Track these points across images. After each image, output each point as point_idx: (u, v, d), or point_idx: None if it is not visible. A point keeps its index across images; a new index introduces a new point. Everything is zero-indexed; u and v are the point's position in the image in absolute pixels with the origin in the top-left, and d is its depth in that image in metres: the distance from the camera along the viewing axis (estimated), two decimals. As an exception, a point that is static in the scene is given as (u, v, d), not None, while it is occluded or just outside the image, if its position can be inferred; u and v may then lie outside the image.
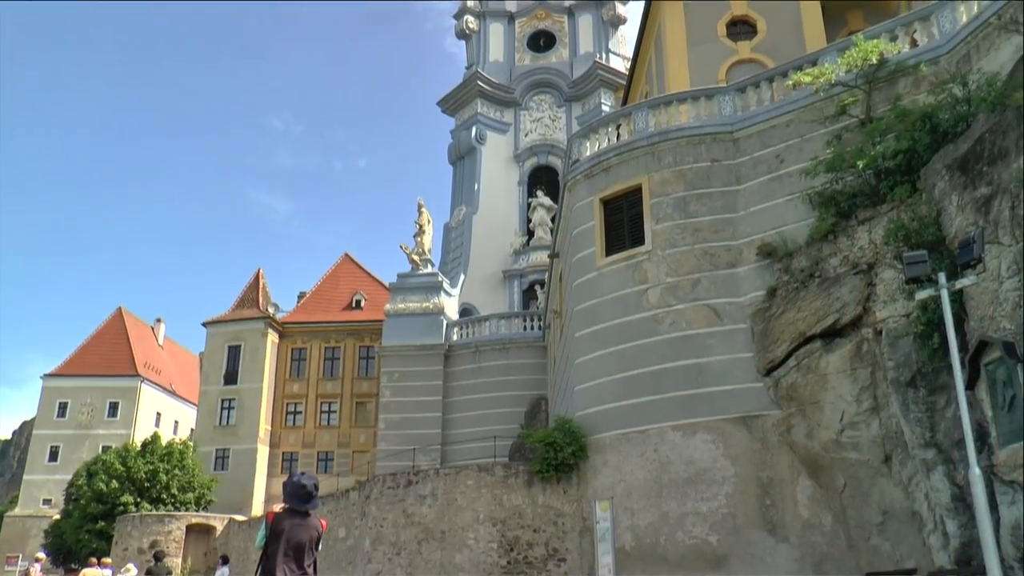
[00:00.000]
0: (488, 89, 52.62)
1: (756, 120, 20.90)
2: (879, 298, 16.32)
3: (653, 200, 21.36)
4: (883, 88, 18.56)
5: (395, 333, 42.34)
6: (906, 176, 16.34)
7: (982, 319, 13.31)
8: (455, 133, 53.96)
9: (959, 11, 18.14)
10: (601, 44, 53.28)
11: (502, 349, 40.34)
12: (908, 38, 19.34)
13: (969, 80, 16.23)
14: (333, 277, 57.25)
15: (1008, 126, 13.42)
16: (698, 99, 22.32)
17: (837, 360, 17.14)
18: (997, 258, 12.98)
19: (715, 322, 19.90)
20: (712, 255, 20.33)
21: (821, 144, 19.01)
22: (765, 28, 29.72)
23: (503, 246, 49.45)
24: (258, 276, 55.96)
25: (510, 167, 52.03)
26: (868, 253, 16.75)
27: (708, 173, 21.05)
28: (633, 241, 21.56)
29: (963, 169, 14.31)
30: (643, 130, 22.30)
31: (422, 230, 44.36)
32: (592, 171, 23.08)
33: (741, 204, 20.52)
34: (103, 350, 69.05)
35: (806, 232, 18.65)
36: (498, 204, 50.38)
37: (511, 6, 55.79)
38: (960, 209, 14.18)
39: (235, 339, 52.43)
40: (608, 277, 21.85)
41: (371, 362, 50.59)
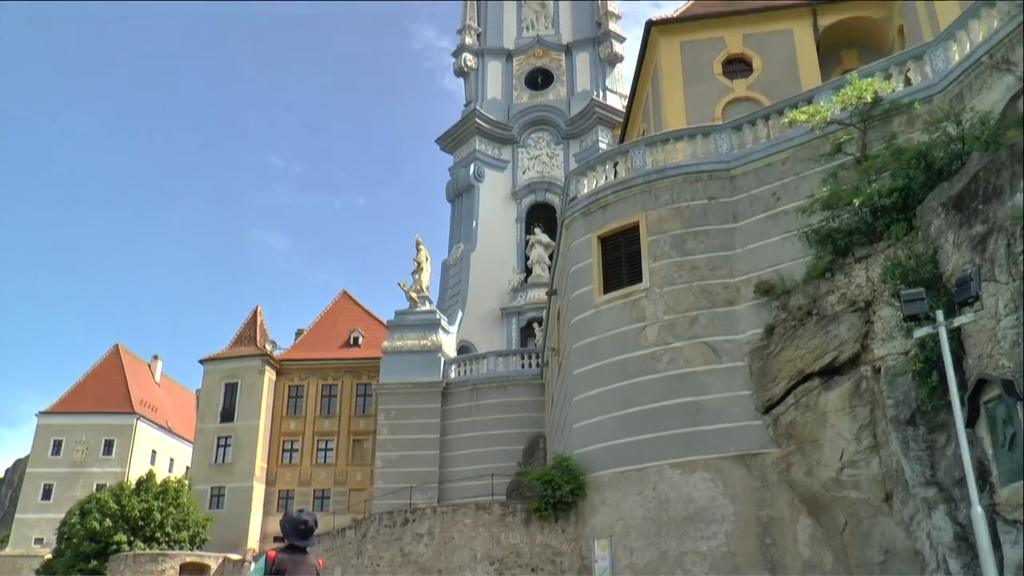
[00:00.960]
0: (486, 127, 52.96)
1: (752, 158, 21.01)
2: (877, 336, 16.30)
3: (650, 238, 21.39)
4: (878, 126, 18.68)
5: (393, 370, 42.17)
6: (902, 214, 16.40)
7: (981, 357, 13.28)
8: (453, 170, 54.20)
9: (952, 50, 18.32)
10: (598, 82, 53.70)
11: (500, 387, 40.16)
12: (902, 76, 19.50)
13: (963, 118, 16.36)
14: (331, 314, 57.21)
15: (1002, 164, 13.50)
16: (695, 137, 22.45)
17: (836, 398, 17.08)
18: (994, 296, 12.99)
19: (713, 360, 19.85)
20: (710, 293, 20.33)
21: (817, 182, 19.08)
22: (761, 66, 30.03)
23: (501, 283, 49.45)
24: (256, 313, 55.91)
25: (508, 204, 52.21)
26: (866, 291, 16.76)
27: (705, 211, 21.11)
28: (631, 279, 21.56)
29: (958, 207, 14.37)
30: (640, 168, 22.40)
31: (420, 267, 44.37)
32: (590, 208, 23.14)
33: (738, 242, 20.56)
34: (99, 387, 68.69)
35: (803, 270, 18.67)
36: (496, 241, 50.46)
37: (509, 44, 56.32)
38: (956, 247, 14.21)
39: (232, 376, 52.25)
40: (606, 314, 21.83)
41: (368, 400, 50.41)
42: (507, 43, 56.27)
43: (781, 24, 30.68)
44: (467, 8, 57.29)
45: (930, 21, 26.09)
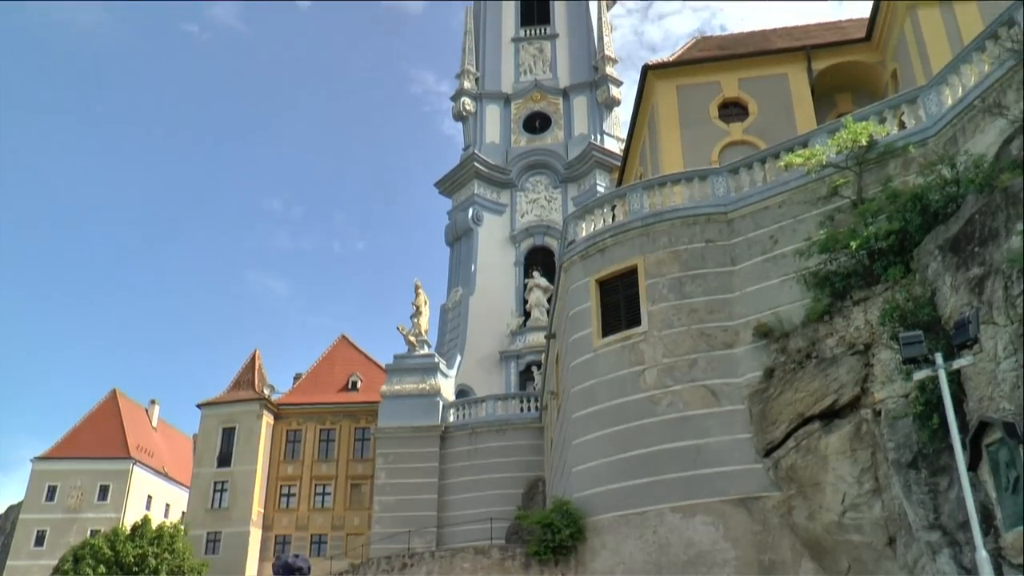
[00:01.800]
0: (485, 171, 53.30)
1: (749, 201, 21.12)
2: (877, 379, 16.28)
3: (649, 281, 21.43)
4: (873, 169, 18.81)
5: (391, 414, 41.96)
6: (899, 256, 16.46)
7: (981, 399, 13.25)
8: (452, 214, 54.45)
9: (944, 94, 18.52)
10: (596, 126, 54.20)
11: (499, 430, 39.94)
12: (896, 120, 19.69)
13: (957, 161, 16.49)
14: (329, 359, 57.11)
15: (997, 207, 13.59)
16: (692, 180, 22.59)
17: (837, 441, 17.01)
18: (993, 338, 12.99)
19: (713, 403, 19.78)
20: (708, 336, 20.32)
21: (814, 225, 19.18)
22: (756, 110, 30.36)
23: (500, 327, 49.42)
24: (254, 357, 55.84)
25: (506, 248, 52.36)
26: (864, 334, 16.77)
27: (703, 254, 21.17)
28: (629, 322, 21.55)
29: (955, 250, 14.44)
30: (638, 211, 22.52)
31: (419, 311, 44.37)
32: (588, 252, 23.21)
33: (736, 285, 20.60)
34: (96, 432, 68.26)
35: (802, 313, 18.68)
36: (495, 285, 50.53)
37: (507, 88, 56.93)
38: (954, 289, 14.25)
39: (229, 421, 52.00)
40: (605, 358, 21.79)
41: (366, 444, 50.13)
42: (505, 87, 56.88)
43: (776, 68, 31.09)
44: (466, 52, 57.97)
45: (923, 65, 26.42)
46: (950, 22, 26.88)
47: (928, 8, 27.33)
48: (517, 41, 58.59)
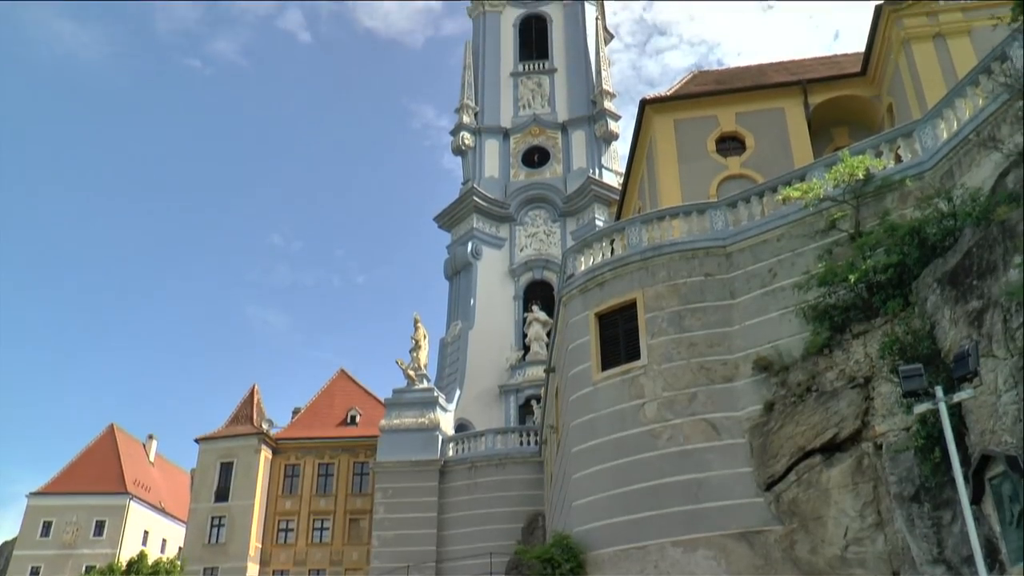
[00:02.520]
0: (484, 205, 53.51)
1: (748, 234, 21.18)
2: (877, 412, 16.24)
3: (648, 315, 21.44)
4: (871, 203, 18.88)
5: (390, 449, 41.76)
6: (898, 290, 16.50)
7: (983, 433, 13.22)
8: (451, 248, 54.57)
9: (940, 128, 18.65)
10: (594, 160, 54.47)
11: (498, 464, 39.75)
12: (892, 154, 19.80)
13: (954, 195, 16.57)
14: (328, 393, 57.02)
15: (994, 240, 13.65)
16: (690, 214, 22.68)
17: (838, 475, 16.93)
18: (993, 371, 12.98)
19: (713, 436, 19.70)
20: (708, 369, 20.29)
21: (812, 258, 19.23)
22: (754, 144, 30.56)
23: (499, 361, 49.35)
24: (253, 392, 55.77)
25: (506, 282, 52.43)
26: (864, 367, 16.76)
27: (702, 287, 21.20)
28: (629, 356, 21.51)
29: (953, 283, 14.47)
30: (637, 245, 22.57)
31: (418, 345, 44.33)
32: (587, 286, 23.24)
33: (736, 318, 20.60)
34: (92, 467, 67.98)
35: (801, 346, 18.67)
36: (494, 319, 50.54)
37: (506, 122, 57.30)
38: (953, 323, 14.27)
39: (227, 456, 51.83)
40: (604, 392, 21.73)
41: (365, 478, 49.91)
42: (504, 121, 57.27)
43: (772, 103, 31.35)
44: (465, 87, 58.45)
45: (918, 99, 26.68)
46: (944, 56, 27.20)
47: (922, 43, 27.66)
48: (516, 76, 59.13)
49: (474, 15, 62.82)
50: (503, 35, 60.67)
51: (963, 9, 28.01)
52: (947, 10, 28.11)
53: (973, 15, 27.49)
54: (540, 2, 62.07)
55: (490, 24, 61.02)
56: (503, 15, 61.62)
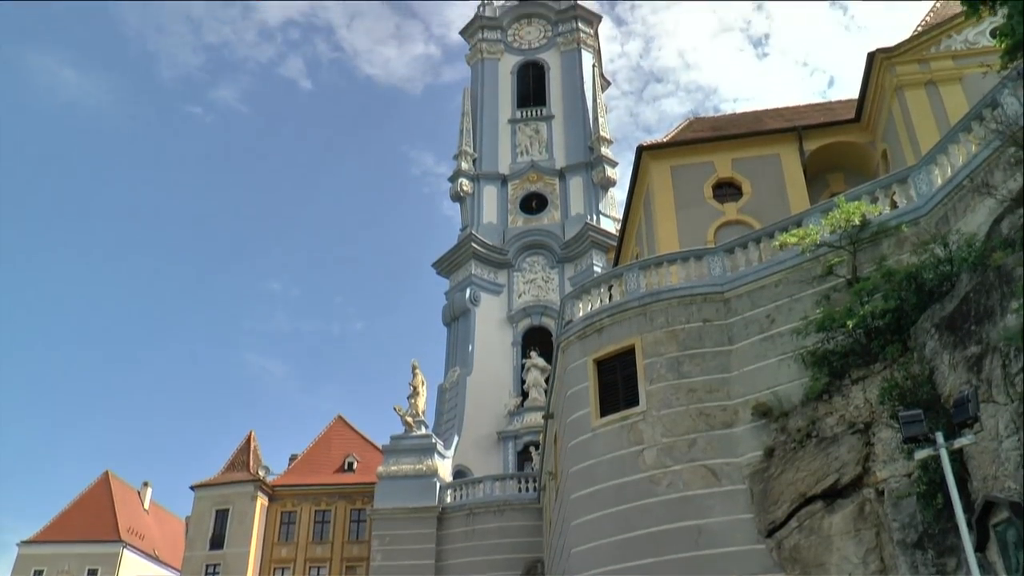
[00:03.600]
0: (482, 251, 53.64)
1: (745, 280, 21.24)
2: (878, 457, 16.17)
3: (646, 360, 21.41)
4: (867, 248, 18.97)
5: (387, 496, 41.43)
6: (896, 335, 16.52)
7: (985, 479, 13.15)
8: (449, 295, 54.59)
9: (934, 174, 18.80)
10: (592, 206, 54.71)
11: (497, 511, 39.42)
12: (888, 200, 19.93)
13: (949, 240, 16.67)
14: (325, 439, 56.70)
15: (991, 285, 13.71)
16: (688, 260, 22.75)
17: (840, 521, 16.79)
18: (994, 417, 12.95)
19: (713, 483, 19.57)
20: (707, 415, 20.22)
21: (810, 304, 19.27)
22: (750, 190, 30.73)
23: (497, 407, 49.15)
24: (249, 439, 55.47)
25: (504, 328, 52.39)
26: (864, 412, 16.71)
27: (700, 333, 21.21)
28: (627, 402, 21.45)
29: (952, 328, 14.50)
30: (635, 291, 22.62)
31: (416, 392, 44.20)
32: (585, 332, 23.24)
33: (734, 364, 20.58)
34: (86, 515, 67.22)
35: (801, 392, 18.63)
36: (492, 365, 50.42)
37: (504, 169, 57.64)
38: (952, 368, 14.26)
39: (223, 503, 51.38)
40: (603, 438, 21.63)
41: (362, 525, 49.43)
42: (502, 168, 57.62)
43: (768, 149, 31.59)
44: (463, 134, 58.89)
45: (911, 145, 26.91)
46: (936, 103, 27.51)
47: (914, 90, 28.00)
48: (514, 122, 59.64)
49: (473, 62, 63.59)
50: (501, 82, 61.35)
51: (954, 57, 28.42)
52: (938, 58, 28.51)
53: (964, 63, 27.91)
54: (537, 50, 62.91)
55: (488, 71, 61.75)
56: (501, 62, 62.39)
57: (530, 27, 64.33)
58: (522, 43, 63.57)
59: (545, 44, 63.07)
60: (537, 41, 63.47)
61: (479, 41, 63.15)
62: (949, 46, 28.72)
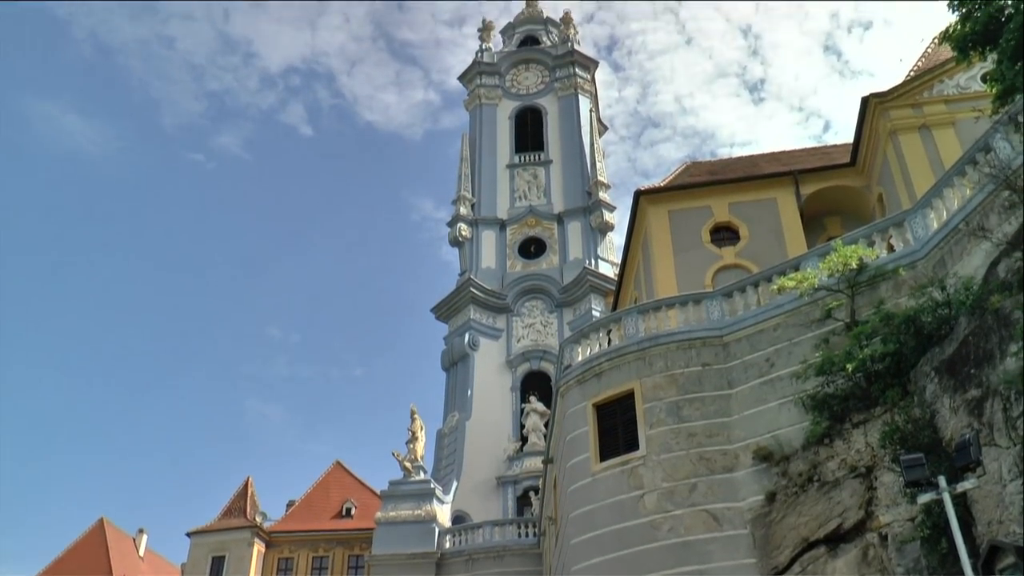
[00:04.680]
0: (481, 296, 53.64)
1: (744, 324, 21.29)
2: (881, 502, 16.06)
3: (646, 405, 21.37)
4: (865, 292, 19.04)
5: (386, 541, 41.02)
6: (896, 378, 16.51)
7: (990, 523, 13.06)
8: (448, 339, 54.48)
9: (930, 217, 18.93)
10: (590, 250, 54.82)
11: (496, 557, 39.02)
12: (885, 243, 20.04)
13: (947, 284, 16.74)
14: (323, 485, 56.26)
15: (989, 329, 13.74)
16: (686, 304, 22.81)
17: (844, 566, 16.62)
18: (997, 460, 12.91)
19: (714, 527, 19.44)
20: (708, 460, 20.14)
21: (810, 347, 19.28)
22: (747, 234, 30.87)
23: (496, 452, 48.85)
24: (246, 485, 55.01)
25: (503, 373, 52.22)
26: (865, 456, 16.64)
27: (700, 377, 21.20)
28: (627, 446, 21.36)
29: (951, 372, 14.50)
30: (634, 335, 22.63)
31: (415, 437, 43.99)
32: (584, 376, 23.21)
33: (734, 408, 20.54)
34: (79, 563, 66.12)
35: (801, 435, 18.57)
36: (491, 410, 50.19)
37: (503, 214, 57.80)
38: (953, 411, 14.24)
39: (219, 549, 50.78)
40: (603, 483, 21.52)
41: (361, 572, 48.80)
42: (501, 212, 57.81)
43: (765, 193, 31.80)
44: (462, 179, 59.15)
45: (907, 189, 27.12)
46: (930, 147, 27.79)
47: (908, 134, 28.29)
48: (512, 167, 59.97)
49: (471, 107, 64.12)
50: (499, 127, 61.80)
51: (946, 101, 28.77)
52: (931, 102, 28.87)
53: (956, 107, 28.25)
54: (535, 95, 63.46)
55: (487, 116, 62.24)
56: (499, 107, 62.90)
57: (528, 72, 64.99)
58: (520, 88, 64.17)
59: (543, 89, 63.65)
60: (535, 86, 64.06)
61: (477, 87, 63.75)
62: (941, 91, 29.11)
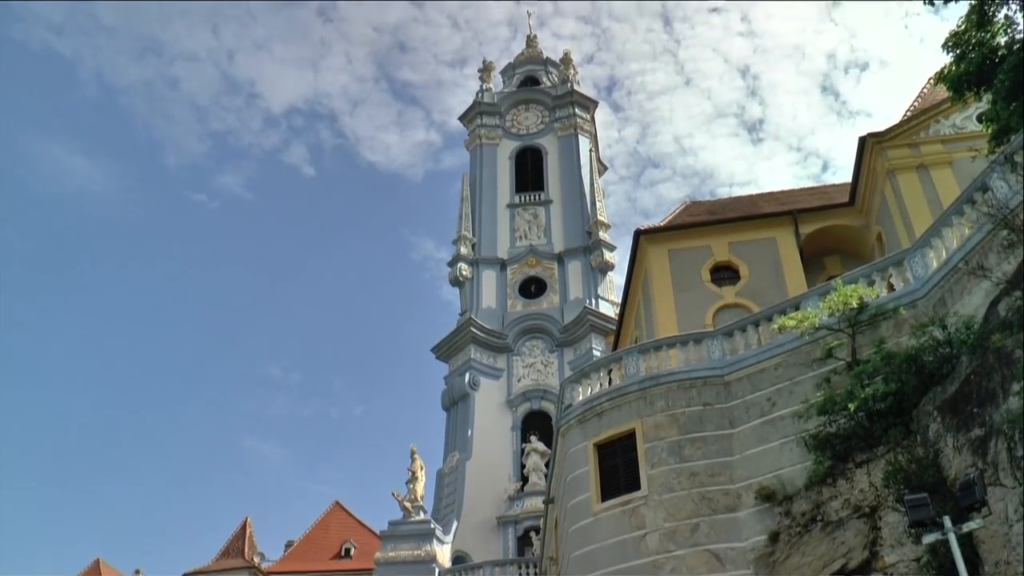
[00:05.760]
0: (481, 335, 53.57)
1: (745, 364, 21.25)
2: (886, 542, 15.91)
3: (647, 444, 21.27)
4: (866, 331, 19.03)
5: (385, 583, 40.65)
6: (898, 418, 16.45)
7: (998, 563, 12.94)
8: (448, 379, 54.34)
9: (929, 257, 18.98)
10: (590, 290, 54.85)
11: (497, 598, 38.66)
12: (885, 283, 20.07)
13: (948, 323, 16.75)
14: (322, 525, 55.88)
15: (991, 368, 13.72)
16: (687, 343, 22.79)
17: (849, 608, 16.45)
18: (1002, 500, 12.81)
19: (717, 568, 19.24)
20: (710, 499, 20.01)
21: (811, 386, 19.24)
22: (747, 273, 30.92)
23: (497, 492, 48.53)
24: (245, 524, 54.71)
25: (503, 412, 52.02)
26: (869, 496, 16.53)
27: (701, 417, 21.13)
28: (629, 486, 21.23)
29: (954, 411, 14.46)
30: (634, 375, 22.59)
31: (415, 477, 43.74)
32: (585, 416, 23.13)
33: (736, 448, 20.45)
34: (75, 605, 65.68)
35: (804, 475, 18.46)
36: (492, 450, 49.93)
37: (503, 253, 57.91)
38: (957, 451, 14.17)
39: (217, 591, 50.40)
40: (604, 523, 21.36)
41: (360, 615, 48.38)
42: (501, 252, 57.92)
43: (764, 233, 31.91)
44: (462, 219, 59.35)
45: (905, 228, 27.23)
46: (928, 186, 27.94)
47: (906, 173, 28.46)
48: (512, 207, 60.20)
49: (472, 147, 64.51)
50: (500, 167, 62.12)
51: (943, 141, 28.99)
52: (928, 142, 29.08)
53: (953, 147, 28.47)
54: (535, 135, 63.86)
55: (487, 156, 62.61)
56: (500, 147, 63.26)
57: (528, 112, 65.46)
58: (520, 128, 64.60)
59: (543, 129, 64.08)
60: (535, 126, 64.48)
61: (478, 127, 64.19)
62: (938, 130, 29.33)
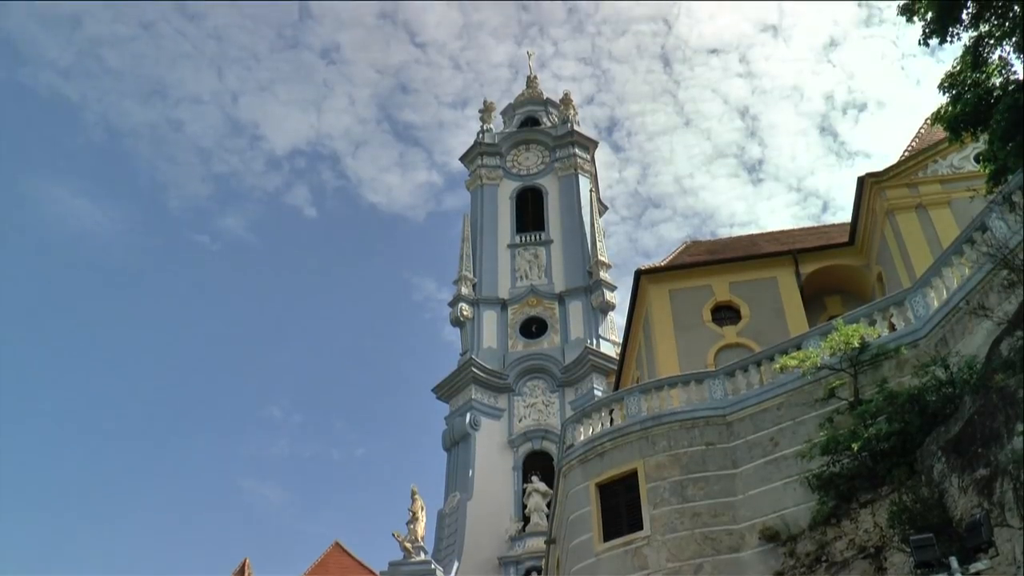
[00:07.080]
0: (482, 376, 53.43)
1: (747, 403, 21.19)
2: (892, 584, 15.77)
3: (649, 484, 21.13)
4: (868, 371, 19.00)
5: (385, 627, 40.19)
6: (902, 457, 16.37)
7: (1003, 606, 12.81)
8: (449, 419, 54.11)
9: (930, 296, 19.01)
10: (591, 330, 54.79)
11: (499, 642, 38.18)
12: (886, 322, 20.08)
13: (950, 363, 16.73)
14: (322, 566, 54.89)
15: (995, 408, 13.69)
16: (688, 383, 22.74)
17: (855, 651, 16.24)
18: (1009, 541, 12.71)
19: (722, 610, 19.04)
20: (713, 540, 19.82)
21: (814, 426, 19.17)
22: (748, 313, 30.88)
23: (498, 532, 48.14)
24: (244, 567, 53.85)
25: (504, 452, 51.74)
26: (874, 536, 16.39)
27: (703, 457, 21.01)
28: (631, 526, 21.04)
29: (958, 451, 14.39)
30: (636, 415, 22.51)
31: (415, 517, 43.46)
32: (587, 456, 23.00)
33: (739, 488, 20.31)
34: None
35: (808, 515, 18.32)
36: (493, 490, 49.60)
37: (504, 293, 57.92)
38: (962, 491, 14.09)
39: (215, 637, 49.66)
40: (607, 563, 21.14)
41: (359, 659, 47.59)
42: (502, 292, 57.94)
43: (764, 272, 31.91)
44: (463, 259, 59.46)
45: (905, 268, 27.26)
46: (927, 226, 28.01)
47: (905, 213, 28.54)
48: (513, 247, 60.33)
49: (472, 188, 64.76)
50: (500, 207, 62.34)
51: (941, 181, 29.12)
52: (926, 182, 29.20)
53: (951, 187, 28.59)
54: (536, 175, 64.16)
55: (488, 196, 62.84)
56: (500, 188, 63.52)
57: (528, 153, 65.83)
58: (521, 168, 64.93)
59: (543, 169, 64.39)
60: (535, 166, 64.81)
61: (479, 167, 64.52)
62: (936, 170, 29.47)
